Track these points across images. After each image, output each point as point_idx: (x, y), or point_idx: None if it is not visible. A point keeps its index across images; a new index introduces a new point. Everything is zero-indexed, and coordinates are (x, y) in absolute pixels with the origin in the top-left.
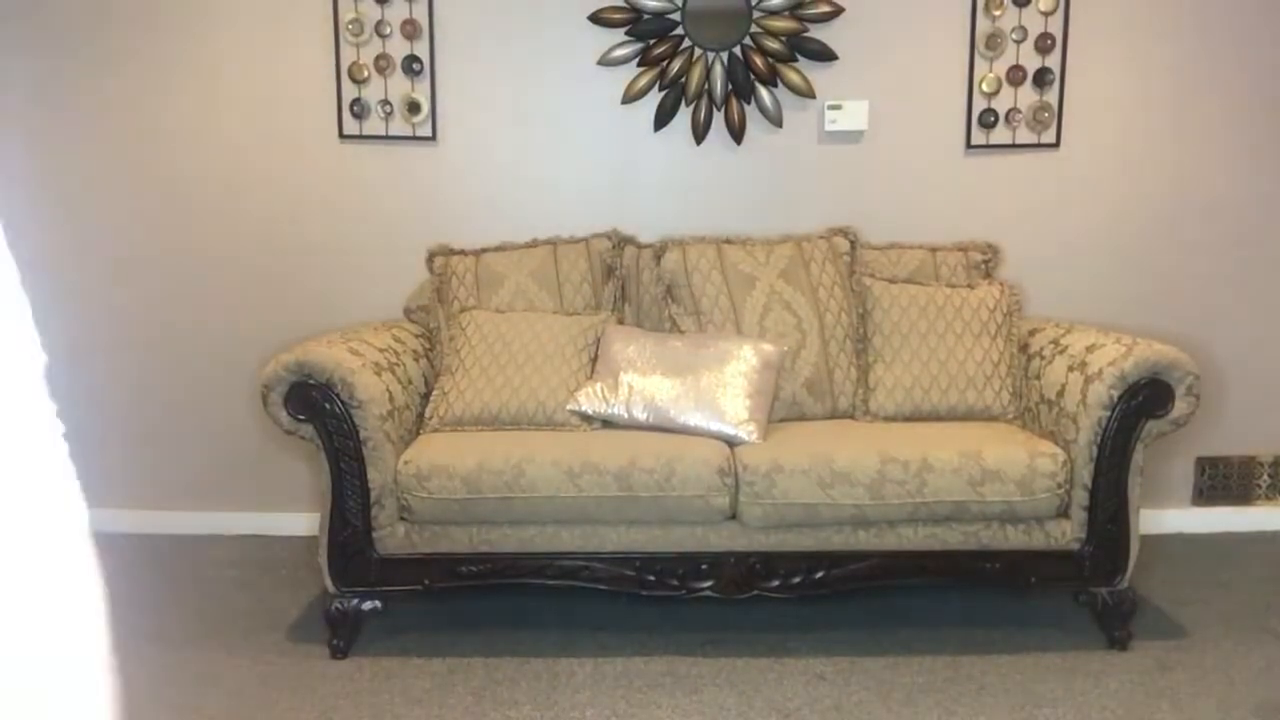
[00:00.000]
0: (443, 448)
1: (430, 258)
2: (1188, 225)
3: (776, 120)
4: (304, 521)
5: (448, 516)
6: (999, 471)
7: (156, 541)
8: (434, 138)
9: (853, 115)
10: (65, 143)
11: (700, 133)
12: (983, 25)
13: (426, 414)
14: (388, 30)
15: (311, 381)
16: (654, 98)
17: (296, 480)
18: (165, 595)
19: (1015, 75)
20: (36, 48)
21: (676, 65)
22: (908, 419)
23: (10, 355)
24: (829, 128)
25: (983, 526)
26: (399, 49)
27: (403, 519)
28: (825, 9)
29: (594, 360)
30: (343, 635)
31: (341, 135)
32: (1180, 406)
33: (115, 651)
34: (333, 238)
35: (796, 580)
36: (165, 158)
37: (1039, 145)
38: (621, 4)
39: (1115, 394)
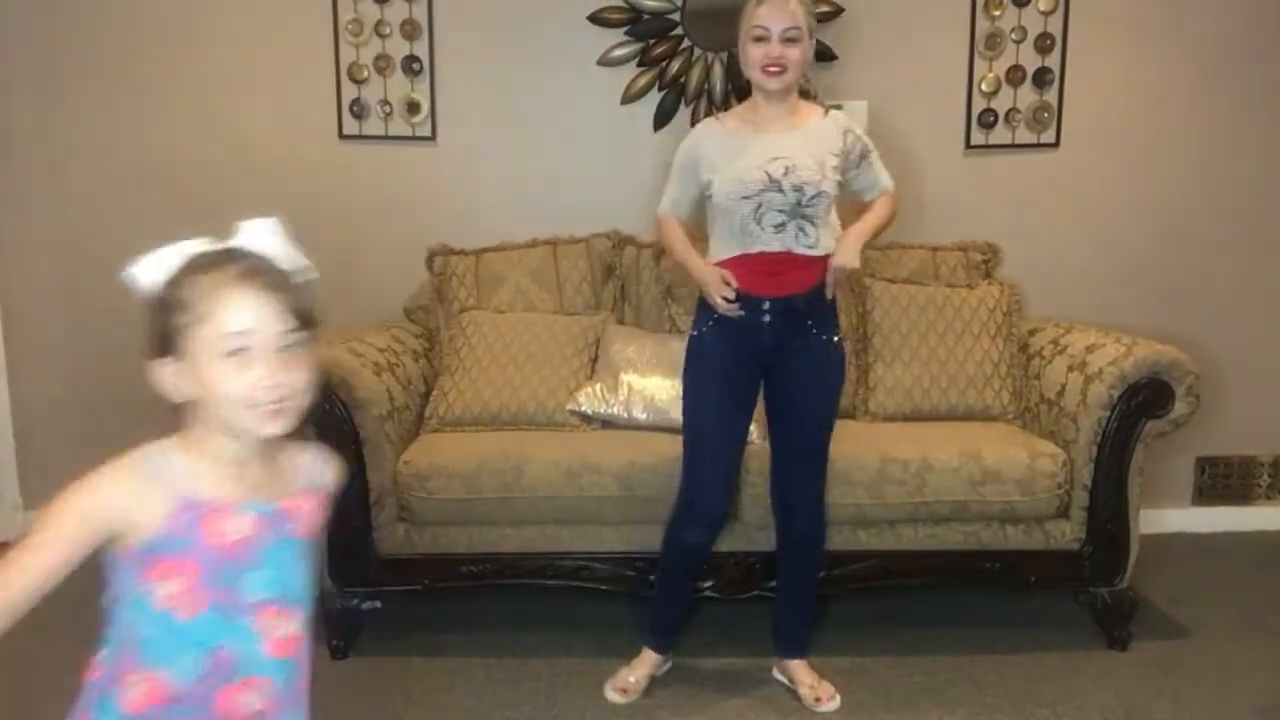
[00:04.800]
0: (443, 448)
1: (430, 258)
2: (1187, 224)
3: None
4: None
5: (447, 516)
6: (999, 471)
7: None
8: (434, 138)
9: (853, 115)
10: (65, 143)
11: None
12: (982, 25)
13: (426, 414)
14: (387, 30)
15: None
16: (654, 98)
17: None
18: None
19: (1015, 75)
20: (37, 48)
21: (676, 65)
22: (908, 419)
23: None
24: None
25: (983, 526)
26: (399, 49)
27: (402, 519)
28: (825, 9)
29: (594, 360)
30: (343, 635)
31: (341, 135)
32: (1180, 406)
33: None
34: (332, 238)
35: None
36: (165, 157)
37: (1039, 145)
38: (621, 4)
39: (1115, 394)
